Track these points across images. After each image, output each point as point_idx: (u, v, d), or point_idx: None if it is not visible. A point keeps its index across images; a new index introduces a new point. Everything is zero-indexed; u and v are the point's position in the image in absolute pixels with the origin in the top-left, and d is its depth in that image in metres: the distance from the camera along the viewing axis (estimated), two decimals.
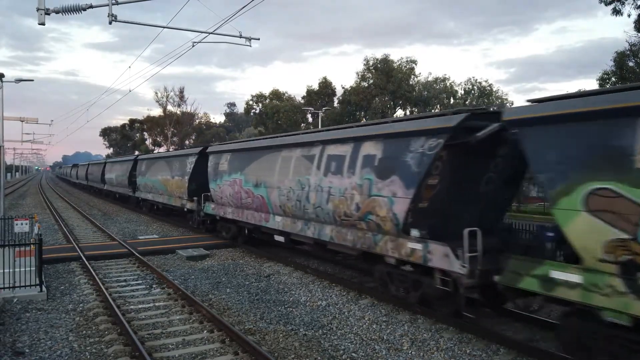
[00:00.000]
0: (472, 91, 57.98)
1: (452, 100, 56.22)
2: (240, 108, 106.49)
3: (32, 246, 10.79)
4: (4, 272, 10.35)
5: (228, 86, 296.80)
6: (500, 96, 56.15)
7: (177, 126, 74.59)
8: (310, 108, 51.78)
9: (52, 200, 41.67)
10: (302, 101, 60.13)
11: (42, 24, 11.93)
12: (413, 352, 7.67)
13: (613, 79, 27.20)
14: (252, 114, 67.47)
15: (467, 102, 55.31)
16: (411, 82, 54.31)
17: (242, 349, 7.52)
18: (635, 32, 25.69)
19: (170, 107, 74.76)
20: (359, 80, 54.47)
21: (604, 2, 23.88)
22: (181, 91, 74.72)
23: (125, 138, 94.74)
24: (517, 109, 7.68)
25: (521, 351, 7.53)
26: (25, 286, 10.43)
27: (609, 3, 23.83)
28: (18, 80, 28.82)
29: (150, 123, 78.66)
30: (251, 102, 66.29)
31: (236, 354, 7.44)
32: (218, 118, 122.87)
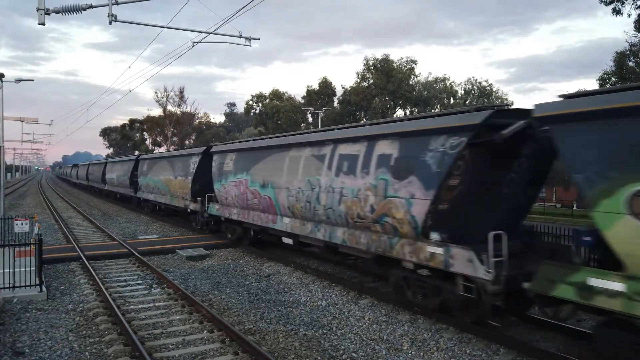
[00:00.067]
0: (472, 91, 58.01)
1: (452, 100, 56.28)
2: (240, 108, 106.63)
3: (32, 246, 10.79)
4: (4, 272, 10.35)
5: (228, 86, 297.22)
6: (500, 96, 56.20)
7: (177, 126, 74.70)
8: (310, 108, 51.82)
9: (52, 200, 41.68)
10: (302, 101, 60.18)
11: (42, 24, 11.94)
12: (413, 352, 7.67)
13: (613, 79, 27.23)
14: (252, 114, 67.58)
15: (467, 102, 55.34)
16: (411, 82, 54.37)
17: (242, 349, 7.52)
18: (635, 32, 25.76)
19: (170, 107, 74.95)
20: (359, 80, 54.53)
21: (604, 2, 23.91)
22: (181, 91, 74.91)
23: (125, 138, 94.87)
24: (551, 105, 7.08)
25: (521, 351, 7.53)
26: (25, 286, 10.43)
27: (609, 3, 23.86)
28: (18, 80, 28.85)
29: (150, 123, 78.80)
30: (251, 102, 66.42)
31: (236, 354, 7.45)
32: (218, 118, 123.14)
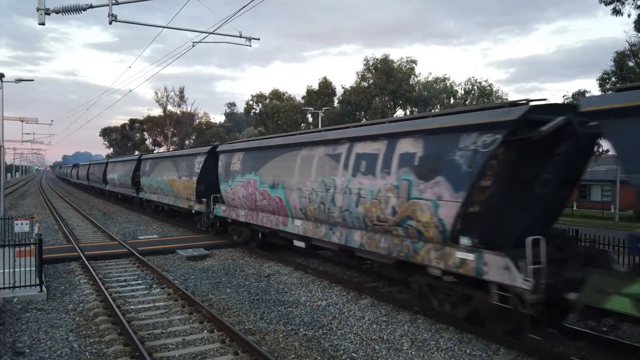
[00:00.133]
0: (472, 91, 58.05)
1: (452, 100, 56.31)
2: (240, 108, 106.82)
3: (32, 246, 10.79)
4: (4, 272, 10.35)
5: (228, 86, 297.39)
6: (500, 96, 56.24)
7: (177, 126, 74.73)
8: (310, 108, 51.84)
9: (52, 200, 41.68)
10: (302, 101, 60.18)
11: (42, 24, 11.95)
12: (413, 352, 7.67)
13: (613, 79, 27.24)
14: (252, 114, 67.62)
15: (467, 102, 55.36)
16: (411, 82, 54.40)
17: (242, 349, 7.52)
18: (635, 32, 25.78)
19: (170, 107, 74.95)
20: (359, 80, 54.53)
21: (604, 2, 23.93)
22: (181, 91, 74.91)
23: (125, 138, 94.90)
24: (602, 98, 6.46)
25: (521, 351, 7.53)
26: (25, 286, 10.43)
27: (609, 3, 23.87)
28: (18, 80, 28.86)
29: (150, 123, 78.82)
30: (251, 102, 66.46)
31: (236, 354, 7.45)
32: (218, 118, 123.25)
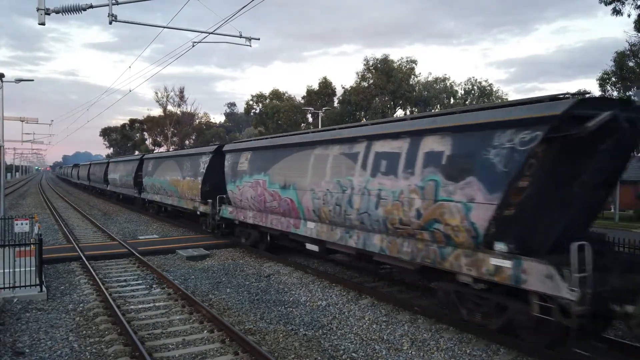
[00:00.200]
0: (472, 91, 58.09)
1: (452, 100, 56.36)
2: (240, 108, 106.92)
3: (32, 246, 10.79)
4: (4, 272, 10.35)
5: (228, 86, 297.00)
6: (500, 96, 56.29)
7: (177, 126, 74.83)
8: (310, 108, 51.90)
9: (52, 200, 41.68)
10: (302, 101, 60.25)
11: (42, 24, 11.95)
12: (413, 352, 7.67)
13: (613, 79, 27.27)
14: (252, 114, 67.76)
15: (467, 102, 55.38)
16: (411, 82, 54.49)
17: (242, 349, 7.52)
18: (635, 32, 25.82)
19: (170, 107, 75.13)
20: (359, 80, 54.62)
21: (604, 2, 23.95)
22: (181, 91, 75.07)
23: (125, 138, 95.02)
24: None
25: (521, 351, 7.53)
26: (25, 286, 10.43)
27: (609, 3, 23.90)
28: (18, 80, 28.87)
29: (150, 123, 78.96)
30: (251, 102, 66.61)
31: (236, 354, 7.45)
32: (218, 118, 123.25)
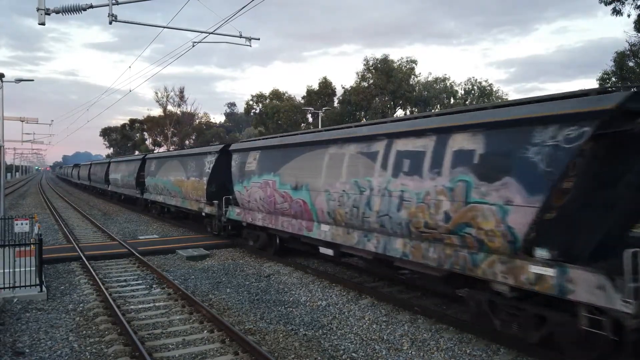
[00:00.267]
0: (472, 91, 58.10)
1: (452, 100, 56.37)
2: (240, 108, 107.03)
3: (32, 246, 10.79)
4: (4, 272, 10.35)
5: (228, 86, 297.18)
6: (500, 96, 56.29)
7: (177, 126, 74.86)
8: (310, 108, 51.95)
9: (52, 200, 41.69)
10: (302, 101, 60.27)
11: (42, 24, 11.96)
12: (413, 352, 7.67)
13: (613, 79, 27.27)
14: (252, 114, 67.81)
15: (467, 102, 55.39)
16: (411, 82, 54.52)
17: (242, 349, 7.52)
18: (635, 32, 25.81)
19: (170, 107, 75.21)
20: (359, 80, 54.65)
21: (604, 2, 23.95)
22: (181, 91, 75.15)
23: (125, 138, 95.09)
24: None
25: (521, 351, 7.52)
26: (25, 286, 10.43)
27: (609, 3, 23.90)
28: (18, 80, 28.89)
29: (150, 123, 79.04)
30: (251, 102, 66.67)
31: (236, 354, 7.45)
32: (218, 118, 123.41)
